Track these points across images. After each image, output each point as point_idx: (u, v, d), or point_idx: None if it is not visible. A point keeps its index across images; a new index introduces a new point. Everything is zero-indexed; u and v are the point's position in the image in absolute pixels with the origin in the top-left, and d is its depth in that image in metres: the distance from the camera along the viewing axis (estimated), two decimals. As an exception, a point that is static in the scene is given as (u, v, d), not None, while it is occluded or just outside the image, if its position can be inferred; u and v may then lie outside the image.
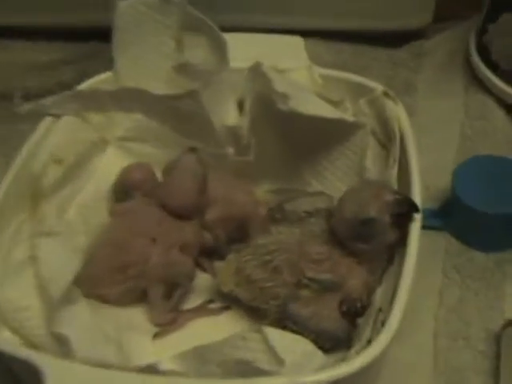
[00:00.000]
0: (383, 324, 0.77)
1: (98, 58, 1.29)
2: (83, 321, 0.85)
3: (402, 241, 0.87)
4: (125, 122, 1.13)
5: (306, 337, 0.82)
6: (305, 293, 0.89)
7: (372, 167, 1.02)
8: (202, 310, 1.00)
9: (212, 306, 1.01)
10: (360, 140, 1.04)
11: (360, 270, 0.90)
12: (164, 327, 0.96)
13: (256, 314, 0.93)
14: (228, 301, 0.97)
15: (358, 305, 0.88)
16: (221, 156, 1.09)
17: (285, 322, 0.87)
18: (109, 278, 0.94)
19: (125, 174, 1.07)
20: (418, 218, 0.88)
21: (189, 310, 1.00)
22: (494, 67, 1.25)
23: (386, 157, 1.01)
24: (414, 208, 0.87)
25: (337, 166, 1.08)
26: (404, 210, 0.86)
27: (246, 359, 0.75)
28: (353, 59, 1.33)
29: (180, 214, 0.99)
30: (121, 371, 0.76)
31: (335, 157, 1.08)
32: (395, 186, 0.93)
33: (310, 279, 0.89)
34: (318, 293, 0.89)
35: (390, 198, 0.86)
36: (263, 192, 1.10)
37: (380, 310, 0.84)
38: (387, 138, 1.01)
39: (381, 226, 0.86)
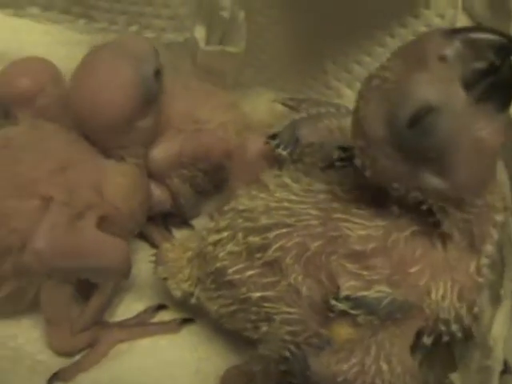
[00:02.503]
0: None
1: None
2: None
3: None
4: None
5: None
6: (340, 328, 0.57)
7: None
8: (144, 326, 0.74)
9: (163, 316, 0.75)
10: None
11: (443, 257, 0.58)
12: (73, 359, 0.71)
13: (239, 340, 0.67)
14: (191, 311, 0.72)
15: (459, 334, 0.58)
16: (183, 45, 0.83)
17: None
18: None
19: (4, 79, 0.77)
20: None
21: (120, 325, 0.74)
22: None
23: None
24: None
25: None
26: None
27: None
28: None
29: (103, 140, 0.72)
30: None
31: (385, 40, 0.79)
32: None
33: (349, 300, 0.56)
34: (368, 326, 0.56)
35: (456, 44, 0.51)
36: (259, 104, 0.85)
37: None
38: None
39: (456, 121, 0.51)
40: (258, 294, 0.61)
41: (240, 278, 0.62)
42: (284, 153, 0.67)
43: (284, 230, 0.60)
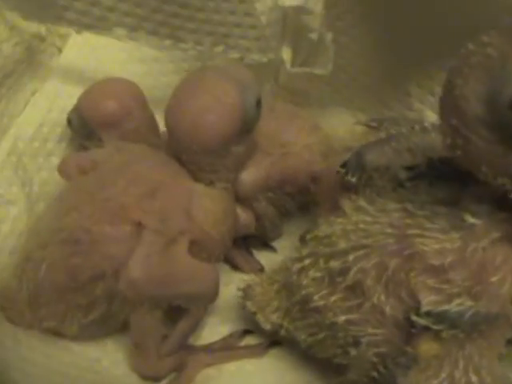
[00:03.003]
0: None
1: None
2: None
3: None
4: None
5: None
6: (426, 344, 0.55)
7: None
8: (230, 349, 0.72)
9: (249, 341, 0.73)
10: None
11: None
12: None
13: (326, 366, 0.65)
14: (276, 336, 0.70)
15: None
16: (267, 66, 0.80)
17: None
18: (60, 301, 0.66)
19: (90, 101, 0.75)
20: None
21: (206, 349, 0.72)
22: None
23: None
24: None
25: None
26: None
27: None
28: None
29: (195, 162, 0.70)
30: None
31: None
32: None
33: (431, 315, 0.55)
34: (453, 340, 0.55)
35: None
36: (340, 125, 0.82)
37: None
38: None
39: None
40: (343, 318, 0.59)
41: (325, 303, 0.61)
42: (353, 180, 0.65)
43: (362, 252, 0.59)
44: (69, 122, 0.76)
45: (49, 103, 0.81)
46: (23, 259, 0.67)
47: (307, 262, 0.63)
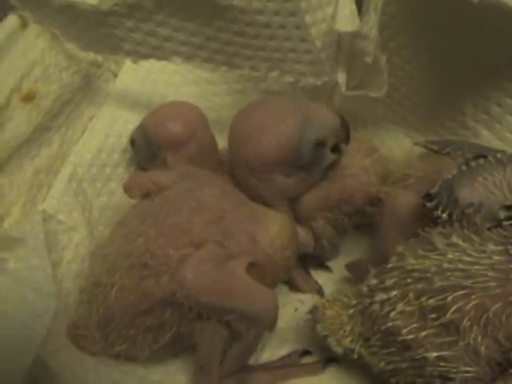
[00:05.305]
0: None
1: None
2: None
3: None
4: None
5: None
6: None
7: None
8: (288, 368, 0.71)
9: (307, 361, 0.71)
10: None
11: None
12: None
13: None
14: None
15: None
16: (322, 89, 0.79)
17: None
18: (131, 325, 0.66)
19: (157, 120, 0.75)
20: None
21: (264, 368, 0.71)
22: None
23: None
24: None
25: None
26: None
27: None
28: None
29: (252, 186, 0.70)
30: None
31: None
32: None
33: None
34: None
35: None
36: (396, 146, 0.82)
37: None
38: None
39: None
40: (434, 354, 0.59)
41: (414, 338, 0.60)
42: (444, 215, 0.63)
43: (461, 293, 0.58)
44: (132, 142, 0.76)
45: (106, 129, 0.80)
46: (91, 284, 0.67)
47: (393, 293, 0.62)
